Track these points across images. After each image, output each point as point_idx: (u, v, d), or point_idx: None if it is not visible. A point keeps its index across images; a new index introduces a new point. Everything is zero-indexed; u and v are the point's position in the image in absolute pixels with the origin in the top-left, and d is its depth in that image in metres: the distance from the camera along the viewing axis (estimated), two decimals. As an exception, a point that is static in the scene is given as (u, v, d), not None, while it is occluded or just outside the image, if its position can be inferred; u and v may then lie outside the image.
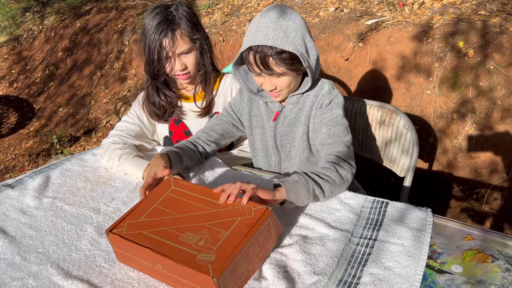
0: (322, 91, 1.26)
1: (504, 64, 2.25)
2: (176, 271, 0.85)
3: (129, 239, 0.90)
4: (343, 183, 1.10)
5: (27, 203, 1.25)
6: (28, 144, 4.59)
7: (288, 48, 1.11)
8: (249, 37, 1.14)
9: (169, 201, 1.00)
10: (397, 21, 2.74)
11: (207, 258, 0.82)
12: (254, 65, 1.16)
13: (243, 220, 0.90)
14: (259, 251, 0.90)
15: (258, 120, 1.38)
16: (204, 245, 0.86)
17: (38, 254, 1.02)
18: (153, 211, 0.98)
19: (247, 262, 0.87)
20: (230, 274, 0.82)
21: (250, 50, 1.15)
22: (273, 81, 1.19)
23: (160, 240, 0.88)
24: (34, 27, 6.93)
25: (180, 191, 1.03)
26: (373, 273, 0.86)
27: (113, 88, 4.72)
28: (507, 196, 2.16)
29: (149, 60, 1.40)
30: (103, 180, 1.37)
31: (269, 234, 0.93)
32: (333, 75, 2.91)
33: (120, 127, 1.53)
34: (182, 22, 1.37)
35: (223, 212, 0.94)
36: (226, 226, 0.90)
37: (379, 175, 2.43)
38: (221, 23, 3.98)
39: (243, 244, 0.85)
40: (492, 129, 2.25)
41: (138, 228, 0.93)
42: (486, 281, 0.81)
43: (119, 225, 0.94)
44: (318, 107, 1.25)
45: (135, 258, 0.92)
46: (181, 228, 0.91)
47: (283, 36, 1.11)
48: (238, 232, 0.88)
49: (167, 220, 0.94)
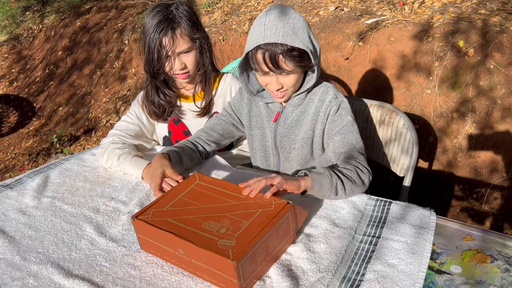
0: (328, 96, 1.26)
1: (504, 63, 2.25)
2: (197, 256, 0.87)
3: (153, 225, 0.93)
4: (362, 186, 1.12)
5: (26, 203, 1.25)
6: (28, 143, 4.59)
7: (298, 45, 1.12)
8: (256, 35, 1.13)
9: (194, 194, 1.05)
10: (397, 20, 2.74)
11: (228, 243, 0.85)
12: (262, 63, 1.15)
13: (264, 212, 0.94)
14: (277, 244, 0.92)
15: (258, 121, 1.38)
16: (225, 232, 0.89)
17: (38, 254, 1.02)
18: (178, 201, 1.03)
19: (266, 253, 0.89)
20: (249, 260, 0.84)
21: (258, 48, 1.14)
22: (280, 80, 1.19)
23: (183, 227, 0.92)
24: (34, 26, 6.92)
25: (205, 185, 1.08)
26: (376, 270, 0.87)
27: (113, 87, 4.72)
28: (507, 195, 2.16)
29: (148, 59, 1.40)
30: (102, 180, 1.37)
31: (288, 228, 0.96)
32: (333, 74, 2.90)
33: (119, 126, 1.53)
34: (182, 21, 1.37)
35: (244, 205, 0.98)
36: (247, 217, 0.93)
37: (379, 174, 2.43)
38: (221, 22, 3.98)
39: (263, 233, 0.88)
40: (492, 129, 2.25)
41: (163, 215, 0.97)
42: (485, 281, 0.81)
43: (144, 212, 0.99)
44: (326, 113, 1.26)
45: (158, 244, 0.95)
46: (204, 217, 0.95)
47: (292, 33, 1.11)
48: (258, 222, 0.91)
49: (191, 210, 0.99)
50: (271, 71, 1.16)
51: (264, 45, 1.12)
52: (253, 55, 1.17)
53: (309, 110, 1.28)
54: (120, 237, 1.07)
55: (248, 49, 1.16)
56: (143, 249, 1.01)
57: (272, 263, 0.92)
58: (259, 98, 1.34)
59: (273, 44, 1.11)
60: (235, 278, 0.82)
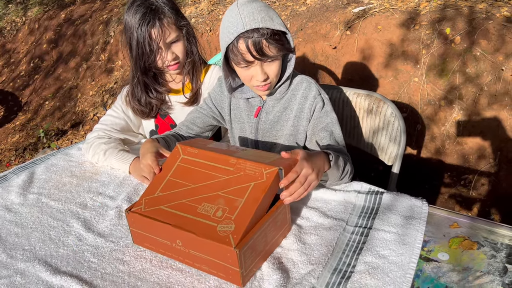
0: (311, 92, 1.25)
1: (491, 50, 2.26)
2: (196, 246, 0.86)
3: (149, 216, 0.92)
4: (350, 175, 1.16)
5: (12, 200, 1.24)
6: (14, 138, 4.52)
7: (279, 28, 1.11)
8: (234, 26, 1.10)
9: (181, 172, 1.02)
10: (384, 8, 2.73)
11: (227, 228, 0.85)
12: (246, 53, 1.12)
13: (256, 185, 0.91)
14: (275, 234, 0.92)
15: (236, 114, 1.36)
16: (222, 215, 0.88)
17: (24, 251, 1.01)
18: (167, 184, 1.00)
19: (264, 242, 0.89)
20: (250, 249, 0.84)
21: (239, 38, 1.11)
22: (264, 69, 1.16)
23: (179, 215, 0.91)
24: (17, 18, 6.79)
25: (190, 160, 1.04)
26: (367, 262, 0.87)
27: (100, 80, 4.66)
28: (494, 181, 2.19)
29: (139, 54, 1.36)
30: (89, 175, 1.35)
31: (285, 219, 0.96)
32: (321, 63, 2.90)
33: (105, 121, 1.51)
34: (166, 10, 1.35)
35: (236, 179, 0.95)
36: (240, 193, 0.91)
37: (367, 163, 2.44)
38: (208, 12, 3.94)
39: (263, 222, 0.87)
40: (479, 115, 2.27)
41: (156, 203, 0.95)
42: (472, 268, 0.82)
43: (137, 203, 0.97)
44: (311, 110, 1.25)
45: (153, 237, 0.93)
46: (197, 199, 0.93)
47: (268, 18, 1.10)
48: (252, 198, 0.89)
49: (183, 192, 0.96)
50: (256, 59, 1.13)
51: (244, 33, 1.10)
52: (234, 47, 1.13)
53: (292, 106, 1.27)
54: (108, 232, 1.06)
55: (228, 41, 1.12)
56: (135, 244, 1.00)
57: (268, 254, 0.92)
58: (239, 94, 1.31)
59: (255, 30, 1.09)
60: (237, 266, 0.82)
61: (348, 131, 1.60)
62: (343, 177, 1.13)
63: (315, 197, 1.10)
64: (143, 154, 1.16)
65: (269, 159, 0.98)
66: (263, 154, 1.03)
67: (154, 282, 0.88)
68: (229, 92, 1.29)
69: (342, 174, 1.11)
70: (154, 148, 1.16)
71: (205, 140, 1.17)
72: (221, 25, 1.17)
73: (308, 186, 0.94)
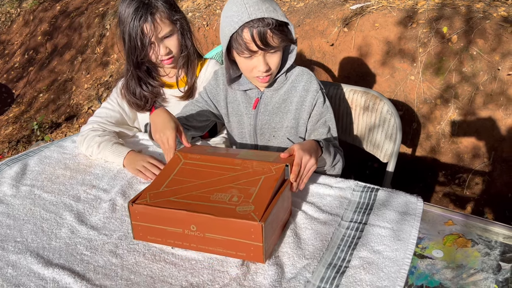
0: (313, 85, 1.26)
1: (487, 49, 2.26)
2: (214, 228, 0.85)
3: (158, 206, 0.88)
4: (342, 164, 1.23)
5: (4, 192, 1.22)
6: (7, 130, 4.49)
7: (282, 19, 1.12)
8: (239, 16, 1.10)
9: (186, 172, 1.00)
10: (382, 6, 2.73)
11: (247, 208, 0.84)
12: (251, 42, 1.11)
13: (267, 178, 0.93)
14: (283, 213, 0.93)
15: (234, 107, 1.36)
16: (238, 200, 0.87)
17: (16, 243, 1.00)
18: (172, 181, 0.97)
19: (277, 220, 0.89)
20: (270, 224, 0.83)
21: (244, 28, 1.11)
22: (267, 60, 1.16)
23: (191, 203, 0.88)
24: (12, 10, 6.72)
25: (193, 163, 1.03)
26: (362, 257, 0.87)
27: (95, 73, 4.63)
28: (488, 180, 2.20)
29: (131, 48, 1.35)
30: (83, 167, 1.34)
31: (288, 203, 0.97)
32: (318, 60, 2.89)
33: (100, 113, 1.50)
34: (159, 4, 1.33)
35: (245, 174, 0.96)
36: (253, 184, 0.91)
37: (362, 160, 2.45)
38: (205, 6, 3.91)
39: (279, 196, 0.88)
40: (474, 115, 2.27)
41: (162, 196, 0.92)
42: (466, 265, 0.82)
43: (141, 196, 0.93)
44: (312, 103, 1.26)
45: (161, 227, 0.90)
46: (209, 191, 0.92)
47: (272, 8, 1.11)
48: (267, 186, 0.90)
49: (191, 186, 0.94)
50: (260, 49, 1.13)
51: (249, 22, 1.10)
52: (238, 36, 1.12)
53: (292, 97, 1.27)
54: (101, 225, 1.05)
55: (232, 30, 1.11)
56: (136, 239, 0.96)
57: (280, 233, 0.93)
58: (236, 86, 1.31)
59: (259, 20, 1.09)
60: (260, 241, 0.81)
61: (344, 127, 1.60)
62: (335, 164, 1.19)
63: (311, 192, 1.10)
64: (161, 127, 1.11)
65: (271, 157, 1.01)
66: (264, 154, 1.06)
67: (147, 275, 0.87)
68: (228, 84, 1.29)
69: (333, 160, 1.17)
70: (173, 123, 1.11)
71: (202, 146, 1.17)
72: (222, 14, 1.16)
73: (309, 171, 1.02)
